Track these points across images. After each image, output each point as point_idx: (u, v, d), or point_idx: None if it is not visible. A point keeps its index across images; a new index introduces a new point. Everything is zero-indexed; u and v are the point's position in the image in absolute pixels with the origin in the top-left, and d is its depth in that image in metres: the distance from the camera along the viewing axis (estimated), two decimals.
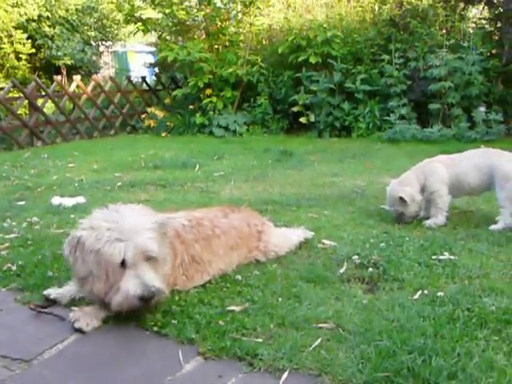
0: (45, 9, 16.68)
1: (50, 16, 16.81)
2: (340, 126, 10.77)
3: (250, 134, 11.15)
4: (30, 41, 16.21)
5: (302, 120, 10.99)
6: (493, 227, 4.33)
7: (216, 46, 12.29)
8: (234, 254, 3.58)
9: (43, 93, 11.16)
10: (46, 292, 3.13)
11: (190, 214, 3.55)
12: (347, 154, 8.40)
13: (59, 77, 12.06)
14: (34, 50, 16.38)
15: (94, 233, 2.83)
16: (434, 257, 3.70)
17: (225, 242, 3.52)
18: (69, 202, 5.45)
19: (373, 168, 7.22)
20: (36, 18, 16.43)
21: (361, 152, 8.58)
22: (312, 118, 10.86)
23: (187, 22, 12.23)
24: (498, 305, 2.87)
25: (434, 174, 4.58)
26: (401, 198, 4.52)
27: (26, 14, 16.03)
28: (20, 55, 16.16)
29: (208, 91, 11.65)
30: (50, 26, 16.86)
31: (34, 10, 16.25)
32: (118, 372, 2.44)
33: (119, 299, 2.76)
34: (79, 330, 2.76)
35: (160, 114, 12.26)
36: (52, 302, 3.07)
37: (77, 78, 12.00)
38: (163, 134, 11.60)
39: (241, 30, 12.62)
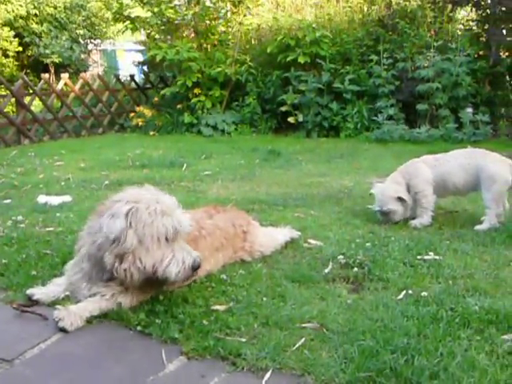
0: (32, 6, 16.58)
1: (37, 13, 16.72)
2: (328, 126, 10.78)
3: (239, 133, 11.13)
4: (17, 38, 16.12)
5: (291, 120, 11.00)
6: (478, 227, 4.35)
7: (205, 45, 12.27)
8: (219, 254, 3.57)
9: (31, 91, 11.10)
10: (29, 291, 3.10)
11: None
12: (335, 154, 8.41)
13: (47, 75, 12.00)
14: (21, 48, 16.29)
15: (144, 206, 2.89)
16: (419, 257, 3.72)
17: (210, 243, 3.50)
18: (55, 200, 5.42)
19: (360, 168, 7.24)
20: (23, 15, 16.33)
21: (348, 152, 8.60)
22: (300, 118, 10.86)
23: (176, 21, 12.19)
24: (481, 305, 2.88)
25: (419, 175, 4.59)
26: (399, 198, 4.53)
27: (13, 11, 15.94)
28: (7, 52, 16.06)
29: (196, 90, 11.62)
30: (37, 24, 16.77)
31: (22, 6, 16.16)
32: (101, 371, 2.43)
33: (176, 270, 2.85)
34: (63, 330, 2.74)
35: (148, 112, 12.21)
36: (35, 302, 3.05)
37: (64, 75, 11.94)
38: (151, 133, 11.57)
39: (230, 29, 12.61)
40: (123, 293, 2.94)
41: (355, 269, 3.51)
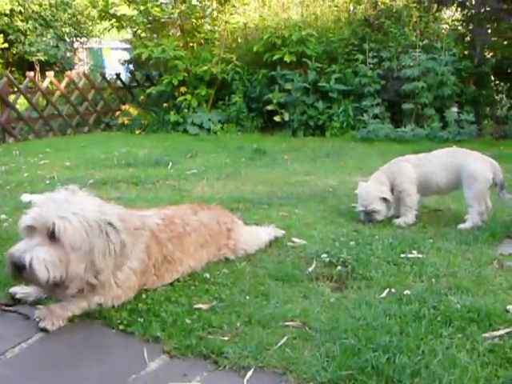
0: (17, 3, 16.47)
1: (22, 11, 16.61)
2: (314, 125, 10.80)
3: (225, 132, 11.12)
4: (1, 35, 15.99)
5: (276, 119, 11.01)
6: (461, 226, 4.38)
7: (191, 44, 12.25)
8: (203, 251, 3.57)
9: (15, 89, 11.02)
10: (11, 290, 3.08)
11: (162, 211, 3.51)
12: (320, 153, 8.43)
13: (32, 73, 11.92)
14: (6, 45, 16.16)
15: None
16: (402, 255, 3.73)
17: (195, 240, 3.50)
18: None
19: (345, 167, 7.26)
20: (8, 12, 16.21)
21: (334, 151, 8.62)
22: (286, 117, 10.88)
23: (162, 20, 12.16)
24: (463, 303, 2.90)
25: (403, 174, 4.61)
26: (384, 199, 4.55)
27: None
28: None
29: (182, 89, 11.61)
30: (22, 21, 16.66)
31: (6, 4, 16.04)
32: (83, 370, 2.41)
33: None
34: (44, 330, 2.72)
35: (134, 111, 12.18)
36: (17, 301, 3.03)
37: (50, 74, 11.86)
38: (137, 132, 11.54)
39: (216, 27, 12.61)
40: (102, 292, 2.92)
41: (339, 267, 3.52)
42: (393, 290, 3.14)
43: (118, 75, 13.59)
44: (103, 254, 2.78)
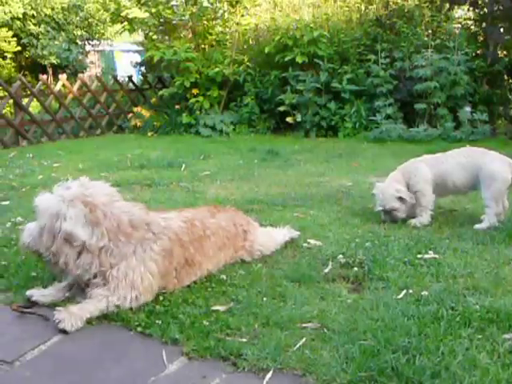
0: (30, 7, 16.56)
1: (35, 14, 16.70)
2: (326, 126, 10.76)
3: (237, 133, 11.12)
4: (15, 39, 16.09)
5: (289, 120, 10.98)
6: (477, 226, 4.35)
7: (202, 46, 12.25)
8: (221, 254, 3.58)
9: (29, 92, 11.08)
10: (28, 292, 3.10)
11: (182, 214, 3.51)
12: (333, 154, 8.41)
13: (45, 76, 11.98)
14: (19, 49, 16.26)
15: None
16: (418, 256, 3.72)
17: (214, 243, 3.51)
18: None
19: (359, 168, 7.23)
20: (21, 16, 16.31)
21: (347, 152, 8.59)
22: (298, 118, 10.84)
23: (173, 22, 12.17)
24: (481, 303, 2.89)
25: (418, 174, 4.59)
26: (400, 198, 4.53)
27: (10, 12, 15.91)
28: (5, 54, 16.04)
29: (194, 91, 11.61)
30: (35, 25, 16.75)
31: (19, 8, 16.13)
32: (102, 373, 2.42)
33: None
34: (63, 331, 2.74)
35: (146, 113, 12.19)
36: (35, 303, 3.04)
37: (63, 77, 11.92)
38: (149, 134, 11.55)
39: (227, 29, 12.59)
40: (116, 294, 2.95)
41: (355, 268, 3.51)
42: (410, 291, 3.13)
43: (130, 77, 13.63)
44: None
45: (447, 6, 11.36)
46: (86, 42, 18.68)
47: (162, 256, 3.09)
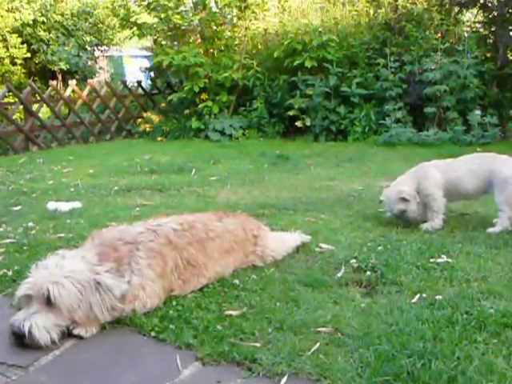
0: (40, 13, 16.67)
1: (45, 21, 16.79)
2: (336, 130, 10.75)
3: (246, 138, 11.12)
4: (25, 45, 16.19)
5: (298, 124, 10.98)
6: (490, 230, 4.33)
7: (211, 51, 12.28)
8: (229, 257, 3.57)
9: (39, 98, 11.14)
10: None
11: (182, 217, 3.56)
12: (343, 158, 8.39)
13: (54, 82, 12.04)
14: (29, 55, 16.35)
15: None
16: (431, 260, 3.70)
17: (219, 245, 3.51)
18: (65, 206, 5.42)
19: (369, 171, 7.22)
20: (31, 22, 16.41)
21: (357, 156, 8.57)
22: (308, 122, 10.84)
23: (182, 27, 12.21)
24: (496, 308, 2.87)
25: (428, 178, 4.58)
26: (403, 199, 4.52)
27: (21, 18, 16.01)
28: (15, 60, 16.14)
29: (204, 95, 11.63)
30: (45, 31, 16.84)
31: (30, 14, 16.23)
32: (116, 377, 2.42)
33: None
34: (78, 336, 2.74)
35: (156, 118, 12.23)
36: None
37: (72, 82, 11.99)
38: (159, 139, 11.58)
39: (236, 34, 12.62)
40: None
41: (368, 272, 3.50)
42: (424, 295, 3.11)
43: (139, 83, 13.68)
44: (100, 309, 2.82)
45: (456, 9, 11.34)
46: (96, 48, 18.75)
47: (153, 257, 3.09)
